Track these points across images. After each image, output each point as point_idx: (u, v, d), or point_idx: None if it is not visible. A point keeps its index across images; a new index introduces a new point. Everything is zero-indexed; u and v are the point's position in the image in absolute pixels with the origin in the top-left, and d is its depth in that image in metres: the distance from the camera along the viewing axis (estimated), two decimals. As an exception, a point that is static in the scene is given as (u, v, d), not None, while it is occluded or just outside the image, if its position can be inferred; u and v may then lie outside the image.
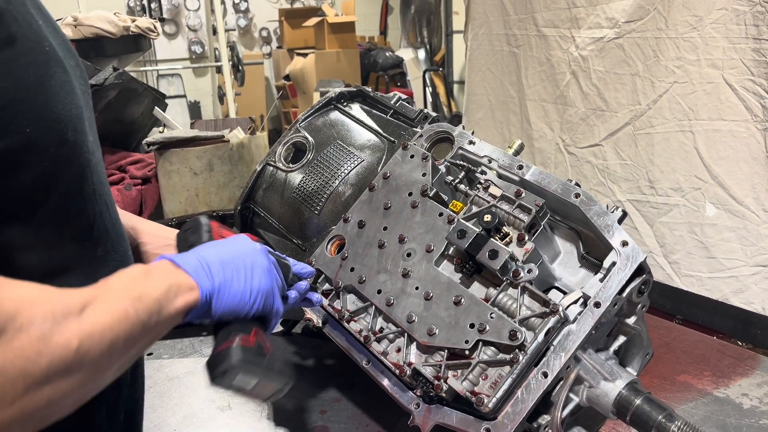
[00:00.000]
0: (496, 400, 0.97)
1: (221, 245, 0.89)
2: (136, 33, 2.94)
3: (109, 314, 0.66)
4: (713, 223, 2.17)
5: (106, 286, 0.71)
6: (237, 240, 0.93)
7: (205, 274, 0.82)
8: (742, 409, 1.26)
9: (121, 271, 0.75)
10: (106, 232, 0.83)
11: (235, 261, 0.86)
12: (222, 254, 0.86)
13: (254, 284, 0.87)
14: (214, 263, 0.84)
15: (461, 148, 1.25)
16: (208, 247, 0.88)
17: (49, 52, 0.73)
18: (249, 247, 0.91)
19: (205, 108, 8.18)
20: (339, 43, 7.04)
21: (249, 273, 0.87)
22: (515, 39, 2.93)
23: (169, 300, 0.75)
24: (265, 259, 0.91)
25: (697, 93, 2.18)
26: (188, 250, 0.89)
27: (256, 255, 0.90)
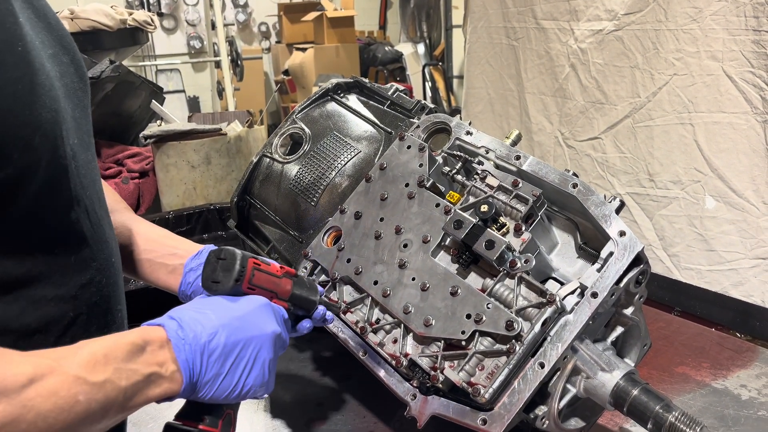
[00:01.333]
0: (492, 390, 0.97)
1: (238, 320, 0.81)
2: (133, 26, 2.93)
3: (51, 399, 0.59)
4: (713, 215, 2.16)
5: (72, 357, 0.64)
6: (256, 313, 0.84)
7: (200, 363, 0.75)
8: (741, 400, 1.25)
9: (106, 338, 0.69)
10: (83, 240, 0.79)
11: (238, 350, 0.79)
12: (229, 336, 0.78)
13: (248, 380, 0.80)
14: (216, 350, 0.76)
15: (458, 139, 1.24)
16: (221, 313, 0.80)
17: (20, 52, 0.68)
18: (262, 329, 0.83)
19: (204, 103, 8.16)
20: (338, 38, 7.03)
21: (248, 368, 0.80)
22: (514, 32, 2.92)
23: (140, 390, 0.69)
24: (270, 351, 0.84)
25: (696, 85, 2.16)
26: (209, 286, 0.86)
27: (264, 345, 0.83)
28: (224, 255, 0.88)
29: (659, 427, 0.95)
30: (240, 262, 0.87)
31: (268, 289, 0.91)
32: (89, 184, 0.82)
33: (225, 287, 0.86)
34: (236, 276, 0.86)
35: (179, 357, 0.73)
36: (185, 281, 1.02)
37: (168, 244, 1.06)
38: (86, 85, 0.88)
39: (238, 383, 0.79)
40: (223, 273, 0.87)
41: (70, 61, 0.82)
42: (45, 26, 0.79)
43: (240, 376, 0.79)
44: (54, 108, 0.72)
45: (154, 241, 1.06)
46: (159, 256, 1.04)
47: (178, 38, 8.33)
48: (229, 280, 0.86)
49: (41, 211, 0.72)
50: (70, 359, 0.64)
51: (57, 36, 0.81)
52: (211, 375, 0.76)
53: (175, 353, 0.73)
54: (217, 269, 0.87)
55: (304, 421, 1.26)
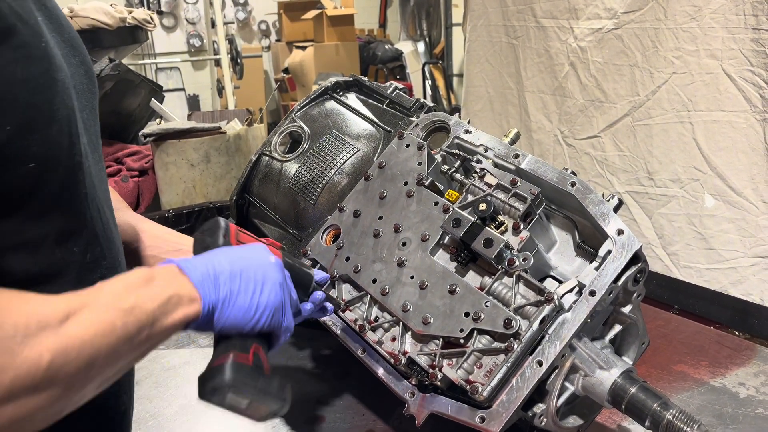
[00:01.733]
0: (490, 388, 0.97)
1: (234, 253, 0.85)
2: (132, 24, 2.93)
3: (92, 327, 0.63)
4: (712, 214, 2.16)
5: (97, 293, 0.67)
6: (252, 249, 0.88)
7: (212, 284, 0.78)
8: (739, 398, 1.25)
9: (120, 276, 0.72)
10: (95, 238, 0.80)
11: (245, 272, 0.82)
12: (233, 263, 0.82)
13: (262, 299, 0.82)
14: (223, 273, 0.79)
15: (457, 137, 1.24)
16: (219, 254, 0.84)
17: (44, 48, 0.70)
18: (263, 258, 0.86)
19: (204, 101, 8.16)
20: (338, 36, 7.02)
21: (258, 287, 0.82)
22: (514, 30, 2.92)
23: (166, 312, 0.71)
24: (278, 274, 0.86)
25: (695, 84, 2.17)
26: (202, 251, 0.86)
27: (269, 269, 0.85)
28: (206, 226, 0.93)
29: (657, 425, 0.96)
30: (223, 223, 0.93)
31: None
32: (99, 184, 0.83)
33: (215, 246, 0.90)
34: (223, 233, 0.91)
35: (193, 278, 0.76)
36: None
37: (172, 240, 1.07)
38: (95, 86, 0.88)
39: (252, 301, 0.81)
40: (210, 238, 0.91)
41: (80, 62, 0.83)
42: (56, 27, 0.80)
43: (253, 295, 0.81)
44: (70, 105, 0.74)
45: (159, 238, 1.06)
46: (164, 252, 1.04)
47: (177, 36, 8.32)
48: (218, 239, 0.90)
49: (59, 208, 0.73)
50: (97, 294, 0.67)
51: (67, 37, 0.82)
52: (225, 293, 0.78)
53: (188, 275, 0.76)
54: (204, 237, 0.91)
55: (304, 419, 1.27)
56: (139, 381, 1.41)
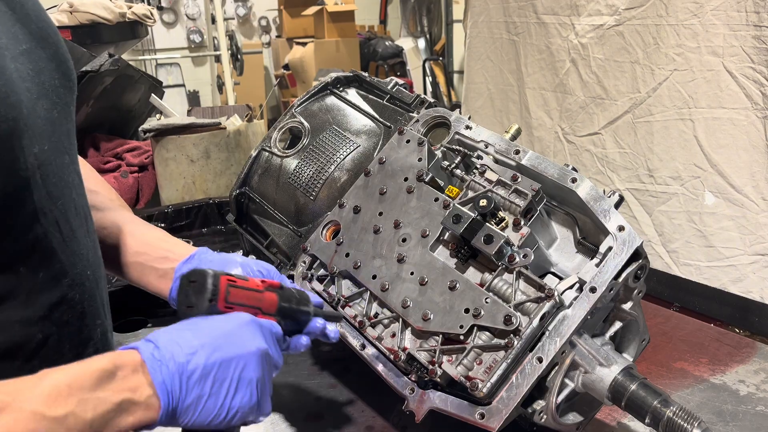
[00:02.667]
0: (490, 385, 0.97)
1: (218, 338, 0.76)
2: (132, 19, 2.92)
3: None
4: (712, 211, 2.16)
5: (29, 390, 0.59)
6: (237, 329, 0.79)
7: (178, 386, 0.70)
8: (739, 395, 1.25)
9: (71, 367, 0.64)
10: (51, 255, 0.73)
11: (221, 368, 0.74)
12: (209, 354, 0.73)
13: (234, 402, 0.74)
14: (196, 371, 0.71)
15: (458, 133, 1.24)
16: (201, 336, 0.75)
17: None
18: (246, 347, 0.78)
19: (204, 97, 8.16)
20: (338, 33, 7.02)
21: (232, 388, 0.75)
22: (515, 26, 2.91)
23: (111, 420, 0.63)
24: (257, 370, 0.78)
25: (697, 81, 2.16)
26: (185, 311, 0.80)
27: (249, 364, 0.77)
28: (194, 277, 0.82)
29: (657, 422, 0.95)
30: (211, 281, 0.82)
31: (250, 305, 0.86)
32: (61, 193, 0.77)
33: (200, 310, 0.81)
34: (209, 296, 0.81)
35: (155, 379, 0.69)
36: (175, 286, 0.97)
37: (160, 246, 1.01)
38: (70, 81, 0.83)
39: (223, 406, 0.74)
40: (195, 296, 0.81)
41: (50, 56, 0.78)
42: (20, 18, 0.74)
43: (225, 399, 0.74)
44: (12, 117, 0.66)
45: (147, 244, 1.01)
46: (150, 260, 0.99)
47: (178, 32, 8.32)
48: (203, 301, 0.81)
49: (1, 227, 0.67)
50: (28, 393, 0.59)
51: (35, 29, 0.76)
52: (193, 398, 0.71)
53: (150, 376, 0.68)
54: (189, 293, 0.82)
55: (303, 416, 1.26)
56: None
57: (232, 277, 0.85)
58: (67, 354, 0.76)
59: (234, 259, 1.01)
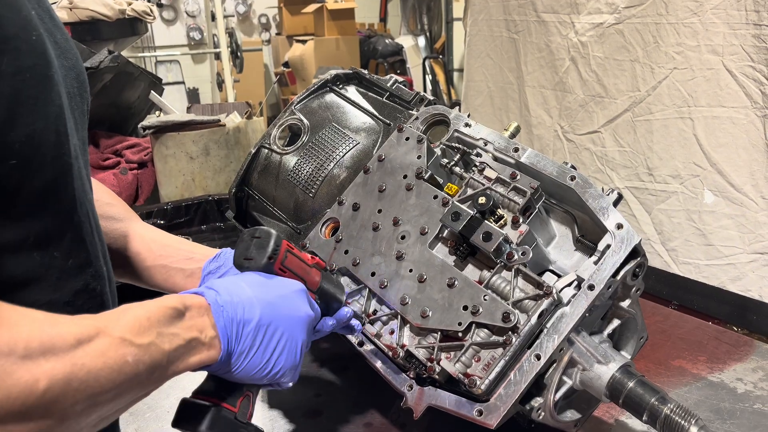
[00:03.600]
0: (488, 382, 0.97)
1: (270, 294, 0.81)
2: (132, 16, 2.92)
3: (101, 359, 0.59)
4: (711, 210, 2.16)
5: (116, 320, 0.64)
6: (290, 294, 0.84)
7: (234, 332, 0.75)
8: (736, 393, 1.25)
9: (147, 303, 0.68)
10: (81, 243, 0.76)
11: (271, 327, 0.78)
12: (263, 310, 0.78)
13: (279, 360, 0.79)
14: (250, 322, 0.76)
15: (457, 131, 1.24)
16: (258, 291, 0.79)
17: (34, 42, 0.67)
18: (295, 310, 0.83)
19: (204, 95, 8.15)
20: (338, 30, 7.01)
21: (279, 348, 0.79)
22: (515, 25, 2.91)
23: (182, 355, 0.68)
24: (304, 334, 0.83)
25: (696, 79, 2.16)
26: (242, 263, 0.85)
27: (297, 327, 0.82)
28: (259, 234, 0.87)
29: (654, 420, 0.96)
30: (274, 241, 0.86)
31: (299, 275, 0.90)
32: (88, 189, 0.80)
33: (257, 264, 0.85)
34: (270, 254, 0.85)
35: (218, 323, 0.74)
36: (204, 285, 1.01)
37: (183, 248, 1.04)
38: (86, 92, 0.86)
39: (269, 361, 0.78)
40: (256, 250, 0.86)
41: (71, 66, 0.81)
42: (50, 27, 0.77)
43: (272, 354, 0.79)
44: (60, 104, 0.71)
45: (169, 246, 1.03)
46: (175, 261, 1.01)
47: (177, 29, 8.31)
48: (263, 257, 0.85)
49: (44, 210, 0.69)
50: (115, 322, 0.63)
51: (60, 39, 0.79)
52: (245, 347, 0.76)
53: (214, 319, 0.73)
54: (251, 246, 0.86)
55: (302, 412, 1.27)
56: (137, 373, 1.41)
57: (291, 245, 0.90)
58: None
59: None
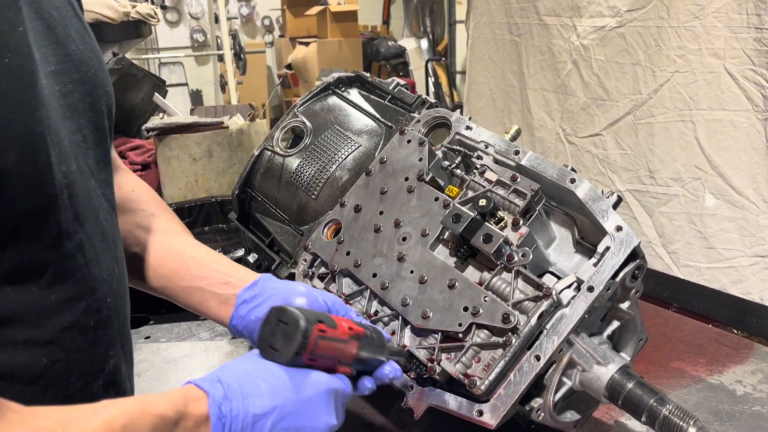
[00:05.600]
0: (488, 382, 0.98)
1: (296, 404, 0.72)
2: (136, 19, 2.93)
3: None
4: (713, 213, 2.17)
5: (79, 424, 0.56)
6: (317, 399, 0.75)
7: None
8: (736, 395, 1.26)
9: (126, 404, 0.60)
10: (67, 277, 0.70)
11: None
12: (280, 421, 0.69)
13: None
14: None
15: (458, 134, 1.25)
16: (277, 397, 0.71)
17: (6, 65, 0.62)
18: (321, 416, 0.74)
19: (207, 96, 8.17)
20: (341, 32, 7.03)
21: None
22: (517, 27, 2.92)
23: None
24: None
25: (698, 82, 2.17)
26: (267, 352, 0.76)
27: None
28: (286, 319, 0.76)
29: (653, 420, 0.96)
30: (302, 333, 0.75)
31: (331, 356, 0.81)
32: (88, 216, 0.74)
33: (283, 358, 0.76)
34: (297, 349, 0.75)
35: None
36: (237, 314, 0.95)
37: (220, 270, 0.98)
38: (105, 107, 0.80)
39: None
40: (282, 340, 0.76)
41: (80, 79, 0.76)
42: (58, 39, 0.74)
43: None
44: (39, 131, 0.65)
45: (207, 267, 0.98)
46: (210, 285, 0.96)
47: (181, 31, 8.34)
48: (289, 351, 0.75)
49: (20, 244, 0.63)
50: (78, 427, 0.55)
51: (74, 50, 0.75)
52: None
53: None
54: (276, 333, 0.76)
55: (303, 412, 1.27)
56: (139, 373, 1.42)
57: (324, 326, 0.78)
58: (74, 383, 0.72)
59: (298, 289, 0.96)
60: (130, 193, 1.05)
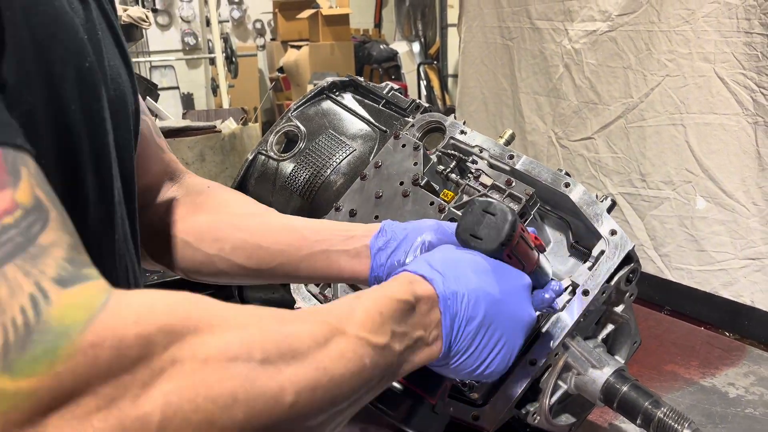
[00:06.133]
0: (484, 387, 0.98)
1: (500, 293, 0.71)
2: (127, 23, 2.92)
3: (343, 362, 0.52)
4: (703, 216, 2.18)
5: (348, 316, 0.56)
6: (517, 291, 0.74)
7: (456, 331, 0.67)
8: (728, 398, 1.27)
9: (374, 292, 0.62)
10: None
11: (493, 327, 0.70)
12: (491, 310, 0.69)
13: (492, 363, 0.71)
14: (474, 320, 0.68)
15: (452, 138, 1.25)
16: (484, 283, 0.70)
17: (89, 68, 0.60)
18: (521, 313, 0.74)
19: (198, 100, 8.15)
20: (333, 36, 7.03)
21: (496, 350, 0.71)
22: (509, 31, 2.93)
23: (408, 356, 0.62)
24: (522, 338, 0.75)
25: (688, 86, 2.19)
26: (467, 241, 0.74)
27: (518, 330, 0.73)
28: (494, 210, 0.75)
29: (648, 423, 0.97)
30: (511, 225, 0.74)
31: (523, 259, 0.80)
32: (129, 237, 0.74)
33: (488, 246, 0.74)
34: (504, 239, 0.74)
35: (444, 321, 0.66)
36: (376, 263, 0.89)
37: (339, 228, 0.94)
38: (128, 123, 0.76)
39: (484, 362, 0.70)
40: (488, 230, 0.74)
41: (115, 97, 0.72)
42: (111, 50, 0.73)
43: (488, 356, 0.70)
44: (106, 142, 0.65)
45: (324, 230, 0.93)
46: (334, 244, 0.91)
47: (172, 35, 8.32)
48: (495, 241, 0.74)
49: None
50: (348, 319, 0.56)
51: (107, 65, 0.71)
52: (463, 346, 0.68)
53: (441, 315, 0.66)
54: (482, 223, 0.75)
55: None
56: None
57: (523, 227, 0.79)
58: None
59: (428, 224, 0.92)
60: (206, 189, 1.04)
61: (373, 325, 0.57)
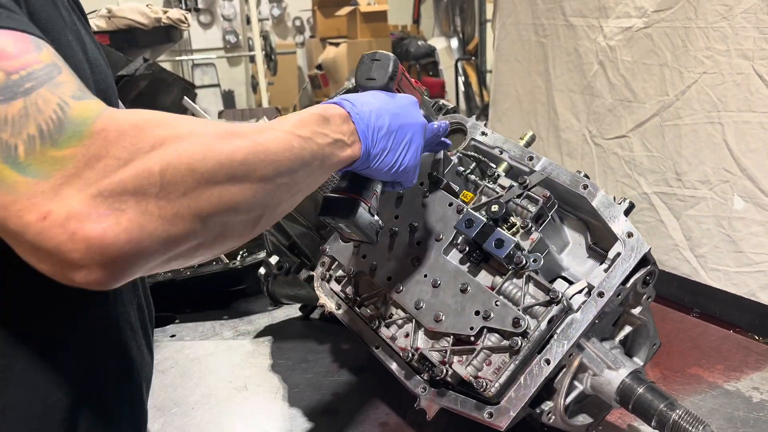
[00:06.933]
0: (498, 385, 1.00)
1: (394, 106, 0.93)
2: (167, 24, 3.01)
3: (275, 142, 0.71)
4: (741, 216, 2.13)
5: (280, 121, 0.77)
6: (408, 106, 0.96)
7: (371, 137, 0.87)
8: (752, 402, 1.25)
9: (297, 112, 0.82)
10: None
11: (399, 132, 0.92)
12: (392, 120, 0.91)
13: (404, 160, 0.93)
14: (382, 129, 0.89)
15: (473, 139, 1.27)
16: (382, 103, 0.91)
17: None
18: (415, 120, 0.96)
19: (239, 97, 8.29)
20: (371, 33, 7.06)
21: (405, 149, 0.93)
22: (543, 29, 2.91)
23: (333, 150, 0.81)
24: (421, 138, 0.97)
25: (726, 84, 2.14)
26: (364, 83, 0.97)
27: (417, 132, 0.96)
28: (378, 57, 0.99)
29: (663, 425, 0.97)
30: (393, 63, 0.98)
31: (408, 93, 1.02)
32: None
33: (379, 83, 0.97)
34: (390, 74, 0.97)
35: (358, 128, 0.86)
36: None
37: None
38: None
39: (397, 161, 0.92)
40: (377, 71, 0.98)
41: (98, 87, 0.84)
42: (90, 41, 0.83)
43: (399, 154, 0.92)
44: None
45: None
46: None
47: (214, 33, 8.46)
48: (384, 77, 0.97)
49: None
50: (279, 122, 0.76)
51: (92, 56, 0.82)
52: (379, 149, 0.89)
53: (354, 125, 0.85)
54: (372, 68, 0.98)
55: (320, 411, 1.31)
56: (164, 370, 1.47)
57: (403, 68, 1.02)
58: None
59: None
60: None
61: (297, 125, 0.77)
